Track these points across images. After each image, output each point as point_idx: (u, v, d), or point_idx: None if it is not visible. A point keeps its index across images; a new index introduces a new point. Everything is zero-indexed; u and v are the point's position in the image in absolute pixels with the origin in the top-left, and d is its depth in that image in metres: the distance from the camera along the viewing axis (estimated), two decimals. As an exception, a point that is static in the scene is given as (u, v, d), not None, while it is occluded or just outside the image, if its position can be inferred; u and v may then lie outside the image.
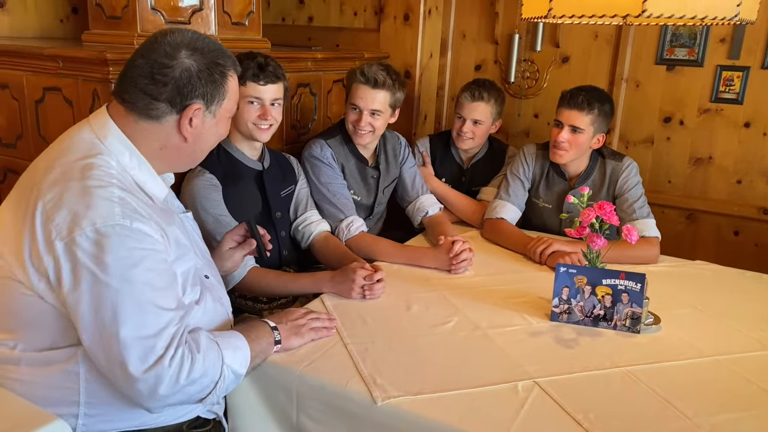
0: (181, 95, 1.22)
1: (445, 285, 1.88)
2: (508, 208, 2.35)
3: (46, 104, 1.96)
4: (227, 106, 1.32)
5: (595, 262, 1.66)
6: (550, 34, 2.89)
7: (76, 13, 2.66)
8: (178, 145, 1.28)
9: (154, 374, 1.12)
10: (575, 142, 2.21)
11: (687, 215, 2.80)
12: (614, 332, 1.61)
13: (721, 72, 2.59)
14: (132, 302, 1.12)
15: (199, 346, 1.20)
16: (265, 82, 1.88)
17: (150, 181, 1.28)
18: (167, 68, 1.21)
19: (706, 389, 1.37)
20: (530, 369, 1.41)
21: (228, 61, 1.29)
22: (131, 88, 1.22)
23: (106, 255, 1.11)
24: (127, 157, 1.24)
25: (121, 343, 1.11)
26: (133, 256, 1.13)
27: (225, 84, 1.28)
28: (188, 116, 1.24)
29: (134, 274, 1.13)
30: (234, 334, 1.33)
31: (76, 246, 1.10)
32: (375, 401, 1.27)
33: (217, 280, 1.47)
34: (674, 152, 2.77)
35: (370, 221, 2.39)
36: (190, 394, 1.20)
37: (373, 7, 3.03)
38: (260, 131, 1.92)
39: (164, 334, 1.14)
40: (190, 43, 1.24)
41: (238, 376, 1.29)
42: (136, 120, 1.24)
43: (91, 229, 1.11)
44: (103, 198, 1.14)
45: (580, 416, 1.23)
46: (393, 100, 2.20)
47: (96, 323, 1.11)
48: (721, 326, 1.69)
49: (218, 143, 1.91)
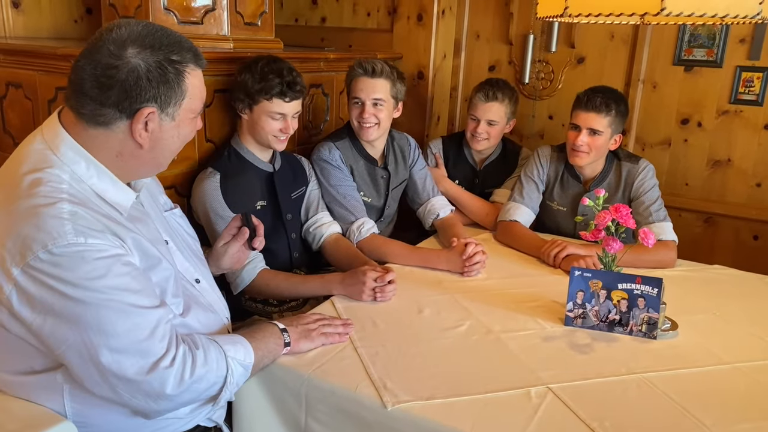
0: (129, 99, 1.10)
1: (458, 288, 1.85)
2: (521, 210, 2.32)
3: (58, 104, 1.95)
4: (189, 106, 1.18)
5: (611, 266, 1.63)
6: (565, 34, 2.85)
7: (90, 13, 2.67)
8: (134, 153, 1.17)
9: (158, 375, 1.09)
10: (594, 144, 2.18)
11: (705, 219, 2.75)
12: (630, 338, 1.58)
13: (741, 73, 2.55)
14: (113, 311, 1.07)
15: (197, 343, 1.18)
16: (290, 99, 1.88)
17: (111, 189, 1.17)
18: (112, 69, 1.08)
19: (726, 397, 1.33)
20: (544, 375, 1.38)
21: (186, 56, 1.15)
22: (77, 93, 1.12)
23: (68, 273, 1.04)
24: (83, 167, 1.14)
25: (114, 354, 1.06)
26: (98, 267, 1.06)
27: (182, 83, 1.15)
28: (140, 121, 1.13)
29: (105, 284, 1.06)
30: (232, 334, 1.31)
31: (34, 270, 1.04)
32: (385, 406, 1.25)
33: (209, 284, 1.42)
34: (692, 154, 2.72)
35: (381, 224, 2.37)
36: (200, 391, 1.17)
37: (387, 8, 3.01)
38: (279, 142, 1.93)
39: (158, 333, 1.11)
40: (139, 38, 1.11)
41: (246, 368, 1.25)
42: (86, 127, 1.14)
43: (43, 252, 1.03)
44: (51, 216, 1.05)
45: (595, 424, 1.21)
46: (394, 90, 2.18)
47: (82, 344, 1.06)
48: (740, 333, 1.65)
49: (231, 145, 1.96)
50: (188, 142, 1.28)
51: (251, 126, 1.92)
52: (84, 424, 1.18)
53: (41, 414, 1.17)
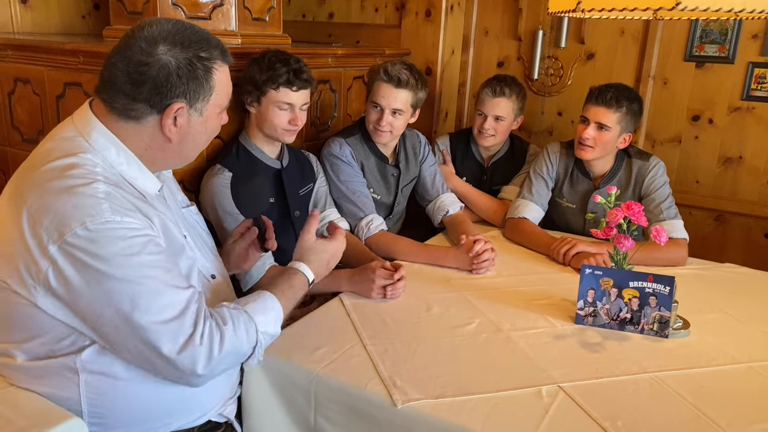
0: (160, 95, 1.14)
1: (467, 286, 1.84)
2: (530, 207, 2.31)
3: (67, 99, 1.95)
4: (216, 102, 1.22)
5: (622, 264, 1.61)
6: (575, 30, 2.83)
7: (98, 9, 2.67)
8: (162, 146, 1.21)
9: (190, 354, 1.10)
10: (601, 139, 2.16)
11: (715, 216, 2.72)
12: (641, 336, 1.56)
13: (753, 69, 2.52)
14: (148, 288, 1.08)
15: (225, 319, 1.18)
16: (297, 88, 1.86)
17: (140, 177, 1.22)
18: (144, 66, 1.12)
19: (740, 397, 1.32)
20: (555, 373, 1.36)
21: (214, 53, 1.19)
22: (109, 87, 1.16)
23: (105, 249, 1.06)
24: (114, 153, 1.18)
25: (149, 330, 1.08)
26: (133, 244, 1.09)
27: (210, 79, 1.19)
28: (170, 116, 1.17)
29: (140, 261, 1.09)
30: (264, 295, 1.29)
31: (71, 247, 1.06)
32: (395, 404, 1.24)
33: (225, 281, 1.43)
34: (703, 152, 2.69)
35: (389, 221, 2.36)
36: (229, 363, 1.19)
37: (395, 3, 3.00)
38: (288, 134, 1.92)
39: (188, 312, 1.12)
40: (169, 35, 1.14)
41: (274, 336, 1.27)
42: (117, 120, 1.18)
43: (81, 228, 1.05)
44: (88, 195, 1.08)
45: (607, 423, 1.19)
46: (415, 100, 2.18)
47: (117, 319, 1.08)
48: (753, 332, 1.63)
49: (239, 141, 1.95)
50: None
51: (260, 119, 1.91)
52: (97, 414, 1.19)
53: (51, 410, 1.16)
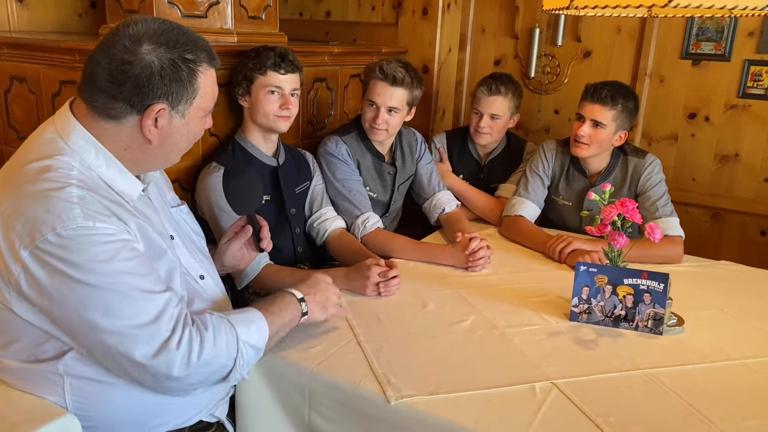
0: (141, 94, 1.11)
1: (462, 283, 1.84)
2: (526, 205, 2.31)
3: (62, 97, 1.95)
4: (200, 105, 1.19)
5: (617, 261, 1.61)
6: (571, 28, 2.83)
7: (95, 7, 2.67)
8: (142, 147, 1.19)
9: (165, 359, 1.09)
10: (596, 137, 2.16)
11: (711, 214, 2.73)
12: (636, 333, 1.56)
13: (749, 67, 2.52)
14: (120, 295, 1.07)
15: (207, 325, 1.16)
16: (285, 71, 1.89)
17: (119, 179, 1.19)
18: (126, 64, 1.10)
19: (733, 394, 1.32)
20: (548, 370, 1.37)
21: (201, 55, 1.16)
22: (90, 85, 1.14)
23: (76, 255, 1.05)
24: (93, 155, 1.16)
25: (121, 335, 1.07)
26: (106, 250, 1.07)
27: (195, 81, 1.16)
28: (150, 117, 1.14)
29: (113, 267, 1.07)
30: (248, 309, 1.28)
31: (42, 252, 1.05)
32: (388, 400, 1.24)
33: (214, 281, 1.41)
34: (699, 149, 2.70)
35: (386, 219, 2.36)
36: (208, 374, 1.17)
37: (392, 2, 3.00)
38: (282, 121, 1.92)
39: (164, 316, 1.10)
40: (155, 35, 1.12)
41: (258, 350, 1.24)
42: (96, 119, 1.15)
43: (52, 234, 1.04)
44: (61, 200, 1.07)
45: (600, 420, 1.20)
46: (411, 98, 2.18)
47: (90, 326, 1.07)
48: (747, 329, 1.63)
49: (235, 139, 1.96)
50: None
51: (253, 111, 1.92)
52: (85, 418, 1.18)
53: (45, 406, 1.17)
